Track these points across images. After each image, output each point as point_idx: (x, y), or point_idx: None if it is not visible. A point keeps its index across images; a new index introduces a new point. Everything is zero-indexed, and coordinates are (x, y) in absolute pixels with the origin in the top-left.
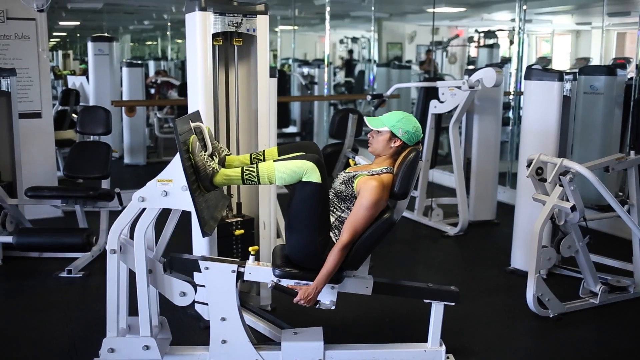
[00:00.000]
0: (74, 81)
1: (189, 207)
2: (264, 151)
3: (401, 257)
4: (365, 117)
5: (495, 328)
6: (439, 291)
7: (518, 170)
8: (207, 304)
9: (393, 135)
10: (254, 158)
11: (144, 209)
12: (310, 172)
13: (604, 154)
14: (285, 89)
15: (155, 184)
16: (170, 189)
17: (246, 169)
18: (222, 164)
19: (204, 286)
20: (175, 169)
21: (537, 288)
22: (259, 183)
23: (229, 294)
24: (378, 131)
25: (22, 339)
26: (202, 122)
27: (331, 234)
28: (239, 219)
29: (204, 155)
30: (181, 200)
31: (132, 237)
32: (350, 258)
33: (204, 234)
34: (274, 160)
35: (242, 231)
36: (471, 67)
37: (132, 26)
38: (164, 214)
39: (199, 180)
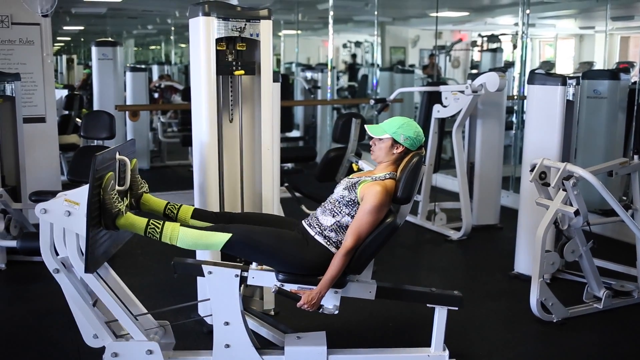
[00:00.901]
0: (61, 95)
1: (84, 235)
2: (180, 206)
3: (404, 262)
4: (365, 126)
5: (499, 333)
6: (442, 296)
7: (521, 175)
8: (210, 315)
9: (395, 142)
10: (168, 209)
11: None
12: (216, 242)
13: (607, 158)
14: (288, 93)
15: (62, 202)
16: (74, 211)
17: (152, 223)
18: (138, 200)
19: (208, 300)
20: (85, 195)
21: (540, 293)
22: (160, 240)
23: (232, 299)
24: (380, 139)
25: (26, 344)
26: (133, 154)
27: (319, 238)
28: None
29: (115, 194)
30: (81, 225)
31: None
32: (353, 263)
33: (87, 270)
34: (181, 224)
35: None
36: (474, 71)
37: (135, 31)
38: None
39: (103, 217)
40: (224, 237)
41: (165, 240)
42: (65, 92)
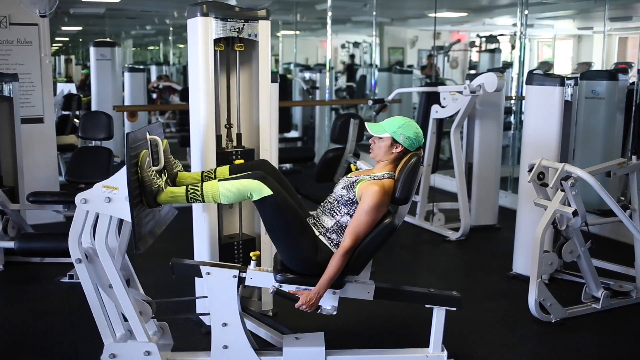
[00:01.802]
0: (62, 88)
1: (129, 218)
2: (215, 170)
3: (403, 262)
4: (366, 124)
5: (497, 333)
6: (441, 296)
7: (519, 175)
8: (208, 314)
9: (394, 142)
10: (205, 176)
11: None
12: (257, 189)
13: (605, 158)
14: (286, 94)
15: (101, 189)
16: (114, 196)
17: (191, 188)
18: (173, 179)
19: (206, 297)
20: (123, 177)
21: (539, 293)
22: (203, 201)
23: (230, 299)
24: (379, 137)
25: (23, 345)
26: (162, 135)
27: (323, 238)
28: (238, 149)
29: (152, 171)
30: (123, 209)
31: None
32: (351, 263)
33: (137, 250)
34: (219, 180)
35: (242, 160)
36: (472, 71)
37: (134, 31)
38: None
39: (143, 196)
40: (265, 190)
41: (208, 200)
42: (71, 86)
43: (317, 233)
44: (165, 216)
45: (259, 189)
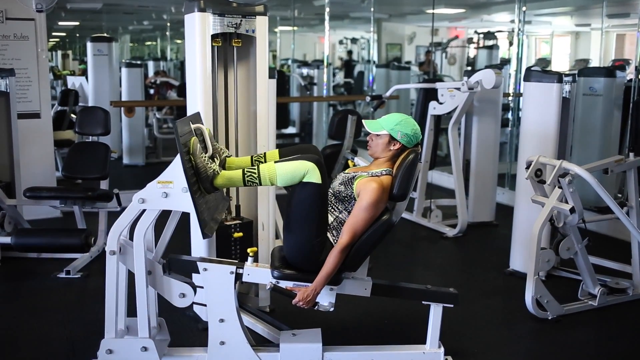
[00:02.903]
0: (73, 81)
1: (190, 208)
2: (265, 153)
3: (400, 259)
4: (363, 121)
5: (494, 330)
6: (438, 293)
7: (517, 172)
8: (205, 305)
9: (392, 138)
10: (255, 160)
11: (143, 211)
12: (310, 172)
13: (603, 155)
14: (284, 90)
15: (156, 186)
16: (170, 190)
17: (247, 171)
18: (223, 165)
19: (202, 287)
20: (175, 170)
21: (535, 290)
22: (261, 184)
23: (228, 296)
24: (377, 134)
25: (20, 340)
26: (202, 124)
27: (329, 235)
28: (237, 221)
29: (205, 157)
30: (181, 201)
31: (131, 238)
32: (349, 260)
33: (204, 236)
34: (275, 162)
35: (240, 234)
36: (470, 68)
37: (131, 26)
38: (164, 215)
39: (200, 182)
40: (316, 176)
41: (265, 183)
42: (82, 79)
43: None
44: (222, 202)
45: (312, 173)
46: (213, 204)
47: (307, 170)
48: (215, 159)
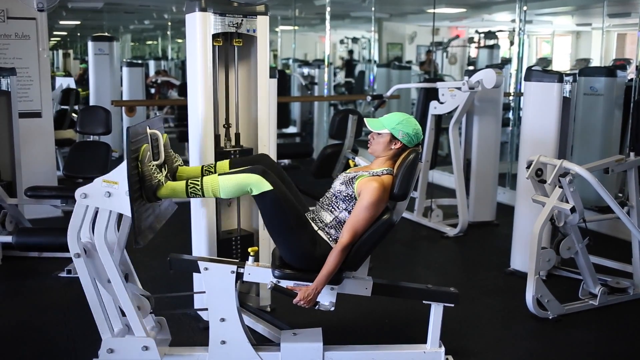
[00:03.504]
0: (61, 82)
1: (129, 212)
2: (215, 164)
3: (400, 258)
4: (365, 119)
5: (495, 329)
6: (439, 292)
7: (518, 172)
8: (206, 309)
9: (393, 138)
10: (205, 170)
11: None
12: (256, 184)
13: (603, 155)
14: (285, 89)
15: (101, 183)
16: (114, 190)
17: (191, 182)
18: (173, 174)
19: (204, 292)
20: (123, 172)
21: (536, 289)
22: (203, 196)
23: (228, 295)
24: (378, 133)
25: (21, 339)
26: (162, 129)
27: (322, 234)
28: (237, 148)
29: (153, 165)
30: (123, 204)
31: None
32: (349, 259)
33: (137, 244)
34: (219, 174)
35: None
36: (471, 67)
37: (132, 26)
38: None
39: (143, 190)
40: (265, 185)
41: (208, 195)
42: (70, 80)
43: (315, 228)
44: (165, 211)
45: (259, 184)
46: (158, 211)
47: (251, 183)
48: (163, 168)
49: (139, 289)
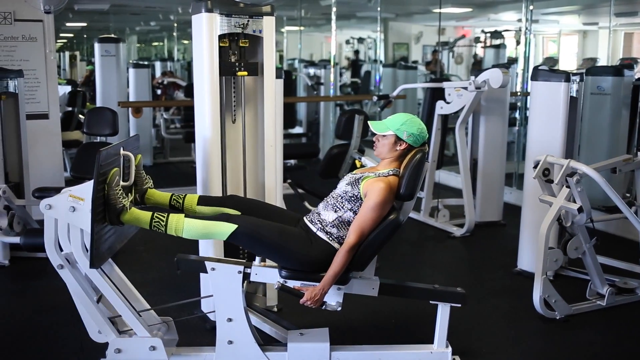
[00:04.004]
0: (64, 91)
1: (89, 231)
2: (185, 196)
3: (407, 258)
4: (369, 122)
5: (502, 330)
6: (445, 292)
7: (525, 171)
8: (214, 312)
9: (398, 139)
10: (173, 200)
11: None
12: (222, 232)
13: (611, 155)
14: (291, 90)
15: (67, 197)
16: (79, 206)
17: (156, 215)
18: (142, 195)
19: (211, 296)
20: (89, 191)
21: (543, 289)
22: (166, 233)
23: (235, 295)
24: (383, 135)
25: (29, 340)
26: (137, 150)
27: (321, 234)
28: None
29: (119, 189)
30: (85, 220)
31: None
32: (356, 259)
33: (92, 265)
34: (185, 216)
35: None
36: (477, 66)
37: (138, 27)
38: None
39: (107, 212)
40: (230, 227)
41: (170, 233)
42: (68, 88)
43: (314, 230)
44: (127, 230)
45: (224, 231)
46: (120, 231)
47: (216, 232)
48: (130, 193)
49: (157, 318)
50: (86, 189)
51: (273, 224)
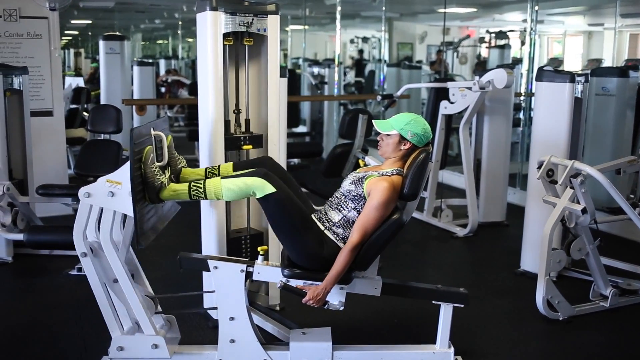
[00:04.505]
0: (70, 82)
1: (131, 213)
2: (219, 166)
3: (410, 258)
4: (373, 121)
5: (504, 330)
6: (448, 293)
7: (528, 172)
8: (215, 308)
9: (402, 138)
10: (209, 172)
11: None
12: (259, 187)
13: (615, 156)
14: (295, 89)
15: (104, 183)
16: (117, 190)
17: (193, 185)
18: (177, 175)
19: (213, 292)
20: (126, 173)
21: (547, 290)
22: (206, 198)
23: (238, 294)
24: (387, 134)
25: (32, 337)
26: (167, 130)
27: (329, 233)
28: (247, 134)
29: (156, 167)
30: (125, 204)
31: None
32: (359, 259)
33: (139, 245)
34: (222, 177)
35: (250, 146)
36: (480, 67)
37: (143, 25)
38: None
39: (146, 191)
40: (268, 188)
41: (211, 198)
42: (79, 80)
43: (322, 228)
44: (168, 212)
45: (262, 187)
46: (161, 212)
47: (254, 187)
48: (166, 170)
49: (144, 290)
50: (122, 172)
51: (302, 207)
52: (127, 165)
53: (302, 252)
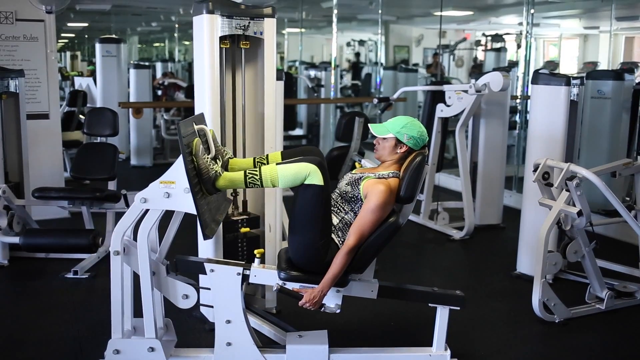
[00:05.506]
0: (80, 82)
1: (191, 209)
2: (267, 155)
3: (407, 261)
4: (369, 125)
5: (501, 333)
6: (445, 295)
7: (524, 175)
8: (212, 307)
9: (398, 142)
10: (258, 162)
11: (146, 211)
12: (312, 174)
13: (611, 159)
14: (291, 92)
15: (158, 186)
16: (172, 190)
17: (249, 172)
18: (225, 167)
19: (209, 289)
20: (178, 171)
21: (543, 293)
22: (262, 186)
23: (234, 297)
24: (383, 138)
25: (27, 340)
26: (206, 125)
27: (334, 236)
28: (244, 216)
29: (207, 158)
30: (183, 202)
31: (135, 238)
32: (355, 261)
33: (205, 237)
34: (277, 164)
35: (247, 229)
36: (476, 69)
37: (139, 28)
38: (168, 215)
39: (202, 183)
40: (318, 178)
41: (267, 185)
42: (89, 80)
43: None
44: (224, 203)
45: (314, 175)
46: (215, 205)
47: (308, 173)
48: (217, 160)
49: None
50: (174, 170)
51: (330, 209)
52: (179, 161)
53: (308, 253)
